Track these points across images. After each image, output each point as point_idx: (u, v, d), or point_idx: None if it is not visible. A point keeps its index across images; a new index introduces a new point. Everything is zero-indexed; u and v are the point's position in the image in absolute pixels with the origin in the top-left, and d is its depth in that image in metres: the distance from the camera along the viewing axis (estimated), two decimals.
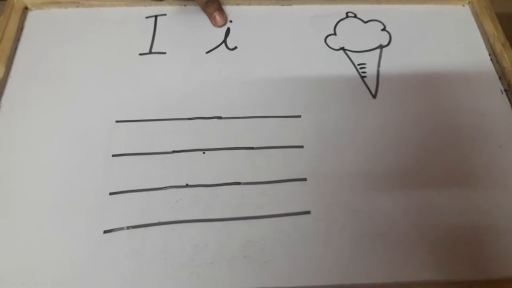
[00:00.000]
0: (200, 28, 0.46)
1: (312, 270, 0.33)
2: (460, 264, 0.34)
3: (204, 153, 0.38)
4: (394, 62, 0.45)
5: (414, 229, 0.35)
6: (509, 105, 0.42)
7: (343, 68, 0.44)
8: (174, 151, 0.38)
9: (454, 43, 0.47)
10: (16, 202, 0.35)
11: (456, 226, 0.36)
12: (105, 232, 0.34)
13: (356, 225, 0.35)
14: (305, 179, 0.37)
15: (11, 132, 0.38)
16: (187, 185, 0.37)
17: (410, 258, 0.34)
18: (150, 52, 0.44)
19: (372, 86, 0.43)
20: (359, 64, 0.45)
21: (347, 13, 0.48)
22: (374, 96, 0.42)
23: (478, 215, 0.36)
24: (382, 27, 0.47)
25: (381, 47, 0.46)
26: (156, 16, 0.47)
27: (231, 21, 0.47)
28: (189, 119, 0.40)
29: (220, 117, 0.40)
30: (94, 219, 0.34)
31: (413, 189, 0.37)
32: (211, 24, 0.46)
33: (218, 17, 0.45)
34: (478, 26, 0.48)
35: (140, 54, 0.44)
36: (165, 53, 0.44)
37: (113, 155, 0.37)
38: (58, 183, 0.36)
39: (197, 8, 0.47)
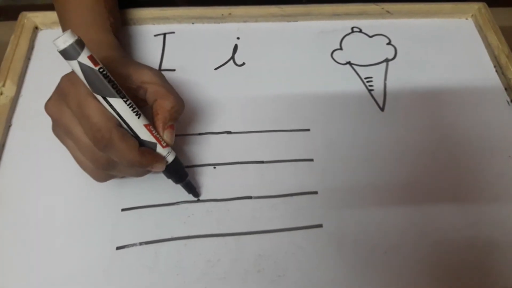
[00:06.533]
0: (208, 45, 0.47)
1: (326, 283, 0.33)
2: (472, 275, 0.34)
3: (214, 168, 0.38)
4: (400, 75, 0.45)
5: (426, 240, 0.35)
6: None
7: (350, 82, 0.45)
8: (185, 166, 0.38)
9: (458, 55, 0.47)
10: (29, 219, 0.35)
11: (468, 237, 0.36)
12: (117, 248, 0.34)
13: (367, 237, 0.35)
14: (316, 192, 0.37)
15: (23, 149, 0.39)
16: (198, 200, 0.37)
17: (423, 269, 0.34)
18: (160, 69, 0.45)
19: (380, 99, 0.43)
20: (366, 78, 0.45)
21: (352, 28, 0.49)
22: (382, 109, 0.43)
23: (489, 226, 0.36)
24: (387, 41, 0.48)
25: (387, 60, 0.47)
26: (164, 34, 0.47)
27: (238, 38, 0.47)
28: (199, 134, 0.40)
29: (229, 132, 0.40)
30: (106, 236, 0.35)
31: (424, 201, 0.37)
32: (219, 42, 0.47)
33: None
34: (482, 39, 0.48)
35: None
36: (174, 70, 0.45)
37: None
38: (70, 200, 0.36)
39: (205, 26, 0.48)
